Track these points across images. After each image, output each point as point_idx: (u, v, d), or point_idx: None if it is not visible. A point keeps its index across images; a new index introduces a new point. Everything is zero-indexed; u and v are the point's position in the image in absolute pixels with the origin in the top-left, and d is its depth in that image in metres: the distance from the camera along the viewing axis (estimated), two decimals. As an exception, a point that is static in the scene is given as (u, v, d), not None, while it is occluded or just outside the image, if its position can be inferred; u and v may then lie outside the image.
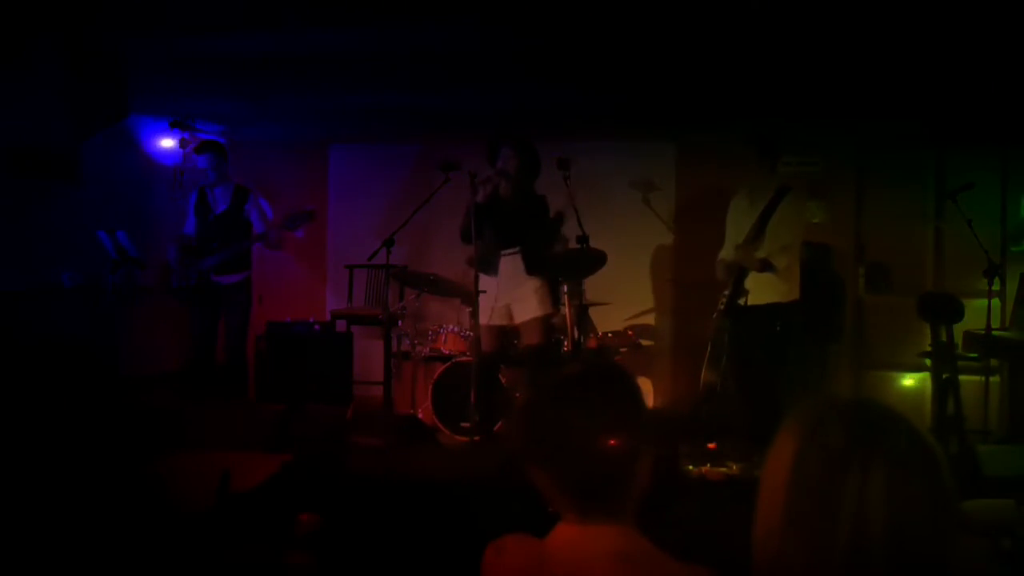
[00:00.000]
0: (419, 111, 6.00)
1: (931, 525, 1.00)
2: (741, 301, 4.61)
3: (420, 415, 5.78)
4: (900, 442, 1.04)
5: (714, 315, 4.86)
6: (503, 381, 5.32)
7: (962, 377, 4.63)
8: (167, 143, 6.34)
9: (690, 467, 4.40)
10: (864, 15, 3.84)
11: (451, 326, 5.79)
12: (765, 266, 4.54)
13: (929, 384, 4.71)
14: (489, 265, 4.69)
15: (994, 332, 4.79)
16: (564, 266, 5.03)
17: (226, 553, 2.07)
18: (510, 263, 4.73)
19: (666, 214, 6.74)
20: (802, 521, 1.03)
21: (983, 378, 5.11)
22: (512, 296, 4.73)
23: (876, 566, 0.99)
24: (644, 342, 6.25)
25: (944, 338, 4.58)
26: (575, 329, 5.13)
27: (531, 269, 4.71)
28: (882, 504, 0.99)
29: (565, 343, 5.52)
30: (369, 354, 6.43)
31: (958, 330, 4.70)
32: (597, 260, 4.81)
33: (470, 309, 4.84)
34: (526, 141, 4.75)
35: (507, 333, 4.85)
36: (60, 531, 1.88)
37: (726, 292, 4.70)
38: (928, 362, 4.70)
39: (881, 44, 4.31)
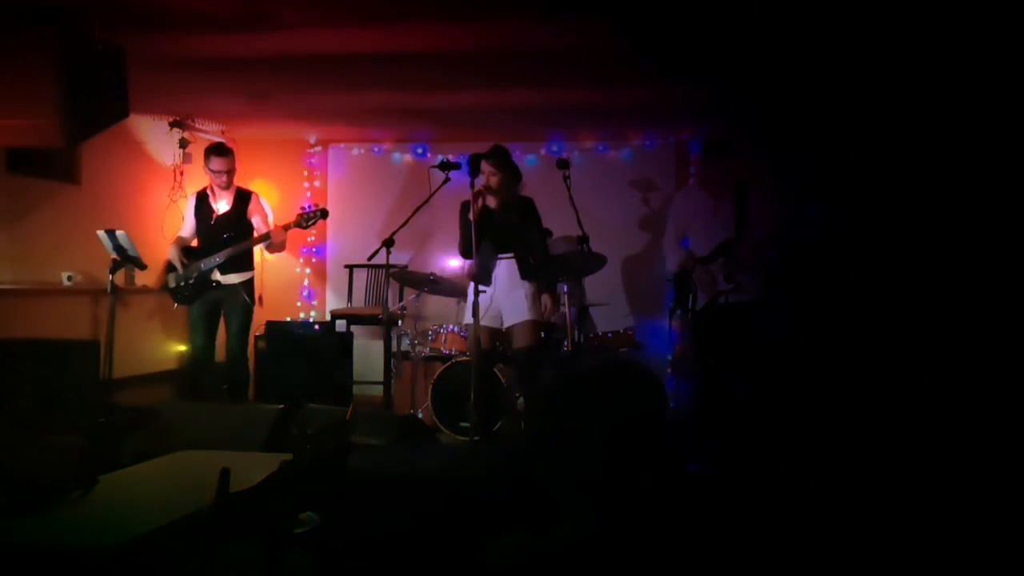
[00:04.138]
0: (419, 111, 5.99)
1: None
2: (722, 300, 4.49)
3: (420, 415, 5.78)
4: None
5: (688, 314, 4.75)
6: (503, 381, 5.32)
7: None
8: (166, 143, 6.33)
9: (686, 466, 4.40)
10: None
11: (451, 326, 5.79)
12: (759, 262, 4.43)
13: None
14: (488, 275, 4.73)
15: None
16: (565, 266, 5.02)
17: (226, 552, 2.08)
18: (504, 269, 4.78)
19: (665, 213, 6.74)
20: None
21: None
22: (504, 301, 4.77)
23: None
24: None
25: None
26: (575, 329, 5.13)
27: (524, 275, 4.74)
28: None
29: (566, 343, 5.52)
30: (369, 354, 6.43)
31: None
32: (598, 261, 4.81)
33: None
34: (500, 151, 4.78)
35: (498, 335, 4.90)
36: None
37: (717, 291, 4.53)
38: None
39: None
